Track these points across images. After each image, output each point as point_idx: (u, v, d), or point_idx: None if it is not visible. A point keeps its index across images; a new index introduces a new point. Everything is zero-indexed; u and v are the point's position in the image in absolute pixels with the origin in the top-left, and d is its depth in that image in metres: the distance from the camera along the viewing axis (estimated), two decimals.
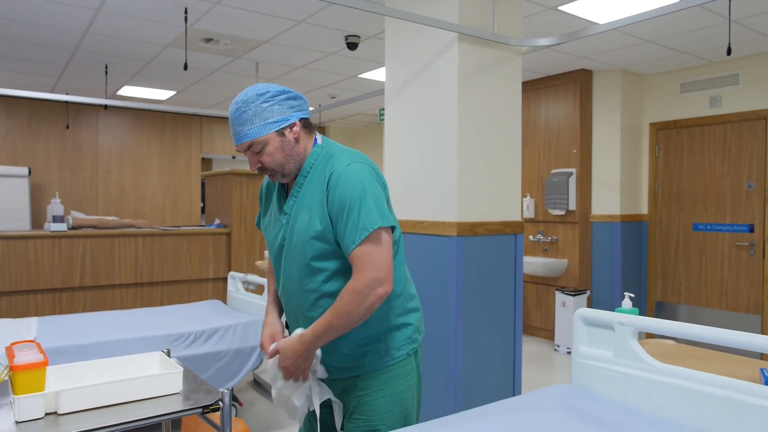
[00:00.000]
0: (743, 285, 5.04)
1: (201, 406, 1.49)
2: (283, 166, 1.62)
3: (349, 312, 1.52)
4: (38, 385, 1.41)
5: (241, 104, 1.58)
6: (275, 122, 1.58)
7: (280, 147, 1.60)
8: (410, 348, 1.71)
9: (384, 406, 1.67)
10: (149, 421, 1.43)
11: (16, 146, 6.82)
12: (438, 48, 2.95)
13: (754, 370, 1.80)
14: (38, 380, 1.41)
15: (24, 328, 3.18)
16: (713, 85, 5.19)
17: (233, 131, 1.61)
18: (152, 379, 1.55)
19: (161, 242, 4.75)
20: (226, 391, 1.50)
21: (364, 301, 1.51)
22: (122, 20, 4.05)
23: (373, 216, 1.53)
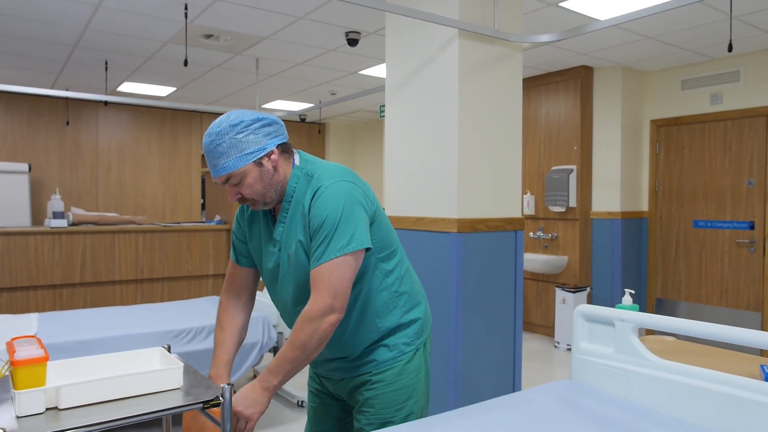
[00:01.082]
0: (743, 282, 5.04)
1: (201, 402, 1.48)
2: (264, 195, 1.57)
3: (304, 342, 1.49)
4: (39, 381, 1.41)
5: (215, 136, 1.52)
6: (252, 153, 1.52)
7: (259, 177, 1.54)
8: (419, 342, 1.73)
9: (394, 400, 1.67)
10: (150, 416, 1.43)
11: (16, 142, 6.81)
12: (438, 44, 2.94)
13: (754, 367, 1.80)
14: (39, 375, 1.41)
15: (24, 324, 3.18)
16: (714, 82, 5.18)
17: (209, 164, 1.54)
18: (153, 374, 1.55)
19: (161, 238, 4.75)
20: (226, 386, 1.49)
21: (318, 329, 1.48)
22: (122, 16, 4.04)
23: (344, 239, 1.50)
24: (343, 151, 9.48)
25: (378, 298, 1.65)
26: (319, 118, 8.97)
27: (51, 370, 1.52)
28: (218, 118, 1.55)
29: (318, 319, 1.48)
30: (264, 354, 3.44)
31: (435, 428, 1.51)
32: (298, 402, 3.75)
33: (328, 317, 1.49)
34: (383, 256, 1.67)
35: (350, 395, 1.74)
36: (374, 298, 1.65)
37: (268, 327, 3.49)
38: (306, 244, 1.57)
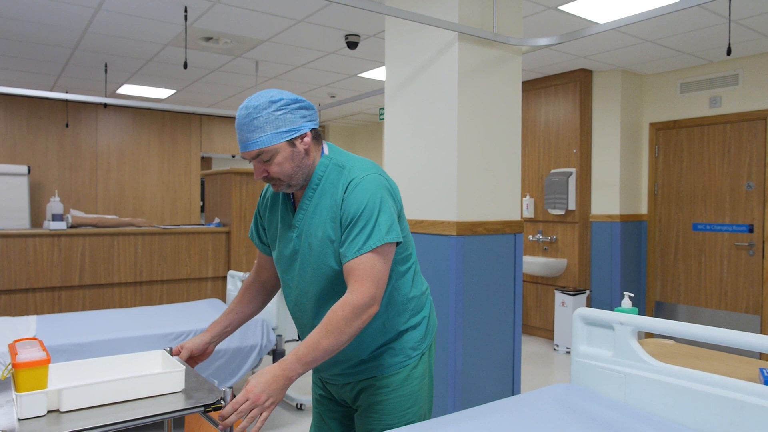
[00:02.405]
0: (742, 285, 5.04)
1: (203, 405, 1.48)
2: (291, 177, 1.55)
3: (343, 330, 1.43)
4: (41, 383, 1.41)
5: (252, 110, 1.49)
6: (287, 131, 1.51)
7: (290, 157, 1.53)
8: (424, 346, 1.71)
9: (399, 406, 1.66)
10: (152, 419, 1.43)
11: (16, 145, 6.81)
12: (438, 47, 2.95)
13: (753, 370, 1.80)
14: (41, 378, 1.41)
15: (23, 327, 3.18)
16: (713, 86, 5.19)
17: (241, 137, 1.52)
18: (154, 377, 1.55)
19: (160, 241, 4.75)
20: (227, 390, 1.49)
21: (358, 318, 1.44)
22: (122, 19, 4.04)
23: (382, 231, 1.49)
24: None
25: (390, 299, 1.63)
26: (319, 121, 8.96)
27: (52, 372, 1.52)
28: (256, 93, 1.53)
29: (361, 309, 1.45)
30: (263, 357, 3.44)
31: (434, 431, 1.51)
32: (297, 405, 3.75)
33: (370, 308, 1.47)
34: (401, 258, 1.65)
35: (354, 400, 1.72)
36: (386, 299, 1.62)
37: (267, 329, 3.48)
38: (334, 234, 1.54)
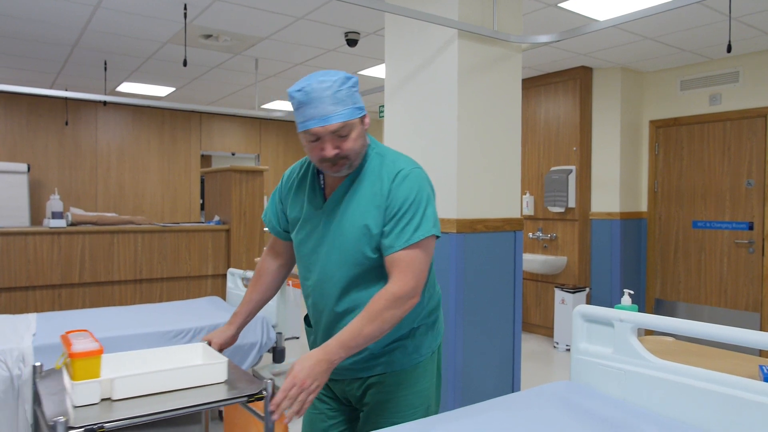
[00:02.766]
0: (742, 282, 5.05)
1: (246, 395, 1.54)
2: (358, 155, 1.53)
3: (385, 318, 1.44)
4: (94, 372, 1.47)
5: (332, 83, 1.46)
6: (361, 108, 1.51)
7: (361, 135, 1.52)
8: (435, 345, 1.71)
9: (408, 404, 1.65)
10: (199, 407, 1.49)
11: (15, 142, 6.81)
12: (438, 45, 2.94)
13: (753, 367, 1.80)
14: (94, 367, 1.47)
15: (23, 324, 3.18)
16: (713, 83, 5.18)
17: (319, 111, 1.45)
18: (199, 368, 1.62)
19: (160, 239, 4.75)
20: (269, 381, 1.55)
21: (401, 307, 1.46)
22: (121, 16, 4.04)
23: (429, 223, 1.51)
24: None
25: None
26: None
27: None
28: (320, 72, 1.50)
29: (403, 299, 1.46)
30: (263, 354, 3.44)
31: (434, 428, 1.51)
32: None
33: (411, 300, 1.48)
34: None
35: (361, 398, 1.69)
36: None
37: (268, 327, 3.48)
38: (374, 223, 1.52)
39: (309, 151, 1.53)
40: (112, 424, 1.36)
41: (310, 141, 1.50)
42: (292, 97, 1.50)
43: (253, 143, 8.70)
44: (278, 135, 8.94)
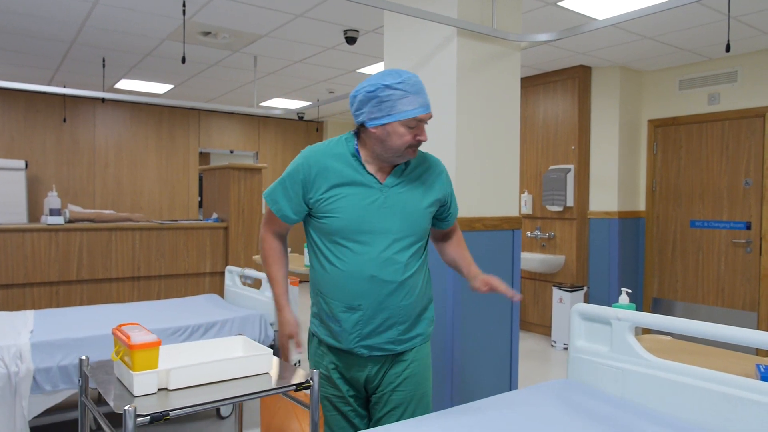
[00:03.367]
0: (739, 282, 5.06)
1: (294, 384, 1.65)
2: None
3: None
4: (153, 363, 1.54)
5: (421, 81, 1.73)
6: None
7: None
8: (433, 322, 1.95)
9: (426, 377, 1.87)
10: (254, 396, 1.59)
11: (13, 139, 6.79)
12: (437, 42, 2.94)
13: (749, 366, 1.80)
14: (153, 358, 1.54)
15: (21, 321, 3.17)
16: (712, 82, 5.19)
17: (424, 100, 1.69)
18: (247, 359, 1.71)
19: (158, 236, 4.74)
20: (315, 371, 1.67)
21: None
22: (120, 13, 4.03)
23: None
24: None
25: (425, 263, 1.87)
26: (317, 116, 8.96)
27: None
28: (392, 69, 1.72)
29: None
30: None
31: (432, 426, 1.52)
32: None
33: None
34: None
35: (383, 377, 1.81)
36: (423, 261, 1.85)
37: (266, 325, 3.49)
38: (433, 203, 1.85)
39: (400, 138, 1.69)
40: (177, 411, 1.44)
41: (408, 127, 1.69)
42: (392, 89, 1.65)
43: (251, 141, 8.69)
44: (277, 133, 8.93)
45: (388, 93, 1.66)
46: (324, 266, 1.78)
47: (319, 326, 1.85)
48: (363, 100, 1.70)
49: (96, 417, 1.62)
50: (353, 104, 1.74)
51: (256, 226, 5.15)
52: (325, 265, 1.77)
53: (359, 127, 1.76)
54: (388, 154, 1.72)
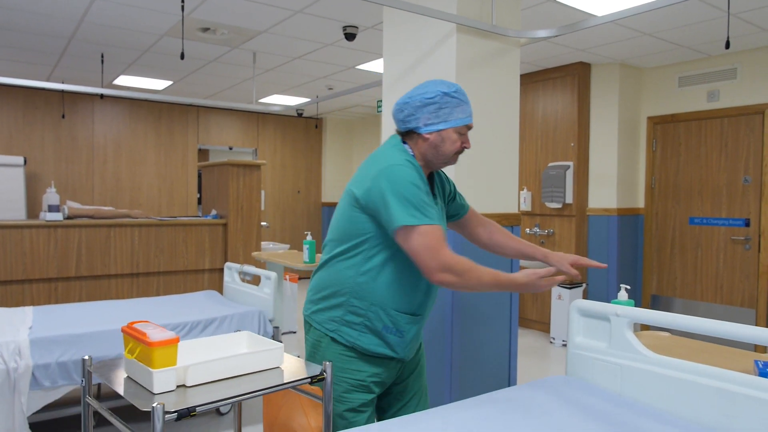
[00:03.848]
0: (738, 279, 5.06)
1: (309, 377, 1.68)
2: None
3: None
4: (172, 360, 1.54)
5: None
6: None
7: None
8: None
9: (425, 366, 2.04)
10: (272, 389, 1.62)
11: (11, 136, 6.78)
12: (436, 39, 2.94)
13: (748, 362, 1.81)
14: (172, 356, 1.55)
15: (19, 318, 3.17)
16: (711, 79, 5.18)
17: (471, 110, 1.83)
18: (260, 354, 1.74)
19: (157, 232, 4.74)
20: (328, 363, 1.69)
21: None
22: (118, 8, 4.02)
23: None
24: (340, 147, 9.47)
25: None
26: (317, 113, 8.95)
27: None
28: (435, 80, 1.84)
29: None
30: None
31: (431, 421, 1.52)
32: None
33: None
34: None
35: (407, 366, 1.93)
36: None
37: (265, 321, 3.49)
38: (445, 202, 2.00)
39: (453, 144, 1.80)
40: (202, 407, 1.46)
41: (460, 134, 1.81)
42: (450, 97, 1.78)
43: (250, 137, 8.68)
44: (276, 129, 8.92)
45: (446, 100, 1.77)
46: (399, 277, 1.75)
47: (360, 337, 1.78)
48: (419, 106, 1.78)
49: (104, 414, 1.61)
50: (403, 110, 1.80)
51: (255, 222, 5.15)
52: (401, 276, 1.75)
53: (405, 133, 1.83)
54: (439, 160, 1.82)
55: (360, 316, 1.77)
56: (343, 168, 9.48)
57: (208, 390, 1.56)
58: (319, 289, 1.84)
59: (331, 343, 1.81)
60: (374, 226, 1.72)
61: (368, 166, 1.76)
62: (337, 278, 1.79)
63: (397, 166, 1.68)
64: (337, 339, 1.79)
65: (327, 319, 1.81)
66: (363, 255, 1.75)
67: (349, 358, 1.79)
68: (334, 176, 9.41)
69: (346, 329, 1.78)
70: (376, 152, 1.81)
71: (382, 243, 1.73)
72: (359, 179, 1.75)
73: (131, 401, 1.48)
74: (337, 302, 1.79)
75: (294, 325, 5.66)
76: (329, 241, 1.84)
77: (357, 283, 1.75)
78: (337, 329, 1.79)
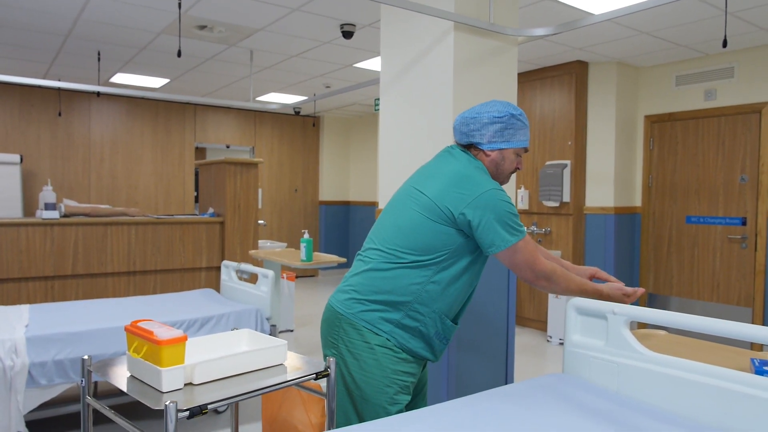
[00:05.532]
0: (735, 277, 5.07)
1: (314, 373, 1.70)
2: None
3: None
4: (180, 358, 1.54)
5: None
6: None
7: None
8: None
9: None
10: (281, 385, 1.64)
11: (7, 133, 6.76)
12: (434, 37, 2.93)
13: (744, 360, 1.81)
14: (180, 354, 1.55)
15: (16, 316, 3.16)
16: (708, 78, 5.19)
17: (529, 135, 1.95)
18: (265, 351, 1.75)
19: (154, 231, 4.73)
20: (332, 359, 1.73)
21: None
22: (115, 6, 4.00)
23: None
24: (337, 145, 9.46)
25: None
26: (314, 112, 8.94)
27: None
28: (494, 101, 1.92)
29: None
30: None
31: (428, 419, 1.52)
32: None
33: None
34: None
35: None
36: None
37: (262, 320, 3.48)
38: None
39: (511, 164, 1.92)
40: (214, 404, 1.47)
41: (518, 155, 1.92)
42: (517, 120, 1.88)
43: (247, 136, 8.67)
44: (273, 127, 8.90)
45: (513, 122, 1.87)
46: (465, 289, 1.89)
47: (411, 340, 1.83)
48: (486, 123, 1.87)
49: (107, 414, 1.60)
50: (469, 125, 1.89)
51: (252, 221, 5.14)
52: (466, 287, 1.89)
53: (466, 146, 1.93)
54: (499, 179, 1.91)
55: (418, 322, 1.82)
56: (340, 166, 9.48)
57: (215, 388, 1.56)
58: (374, 291, 1.82)
59: (383, 345, 1.82)
60: (463, 241, 1.81)
61: (460, 185, 1.79)
62: (403, 284, 1.80)
63: (495, 191, 1.80)
64: (390, 341, 1.82)
65: (379, 319, 1.81)
66: (439, 266, 1.80)
67: (400, 360, 1.83)
68: (332, 175, 9.40)
69: (400, 332, 1.82)
70: (462, 170, 1.83)
71: (460, 255, 1.83)
72: (453, 197, 1.78)
73: (140, 400, 1.48)
74: (397, 306, 1.81)
75: (291, 323, 5.66)
76: (396, 249, 1.82)
77: (426, 290, 1.80)
78: (391, 331, 1.81)
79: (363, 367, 1.81)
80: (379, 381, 1.80)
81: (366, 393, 1.80)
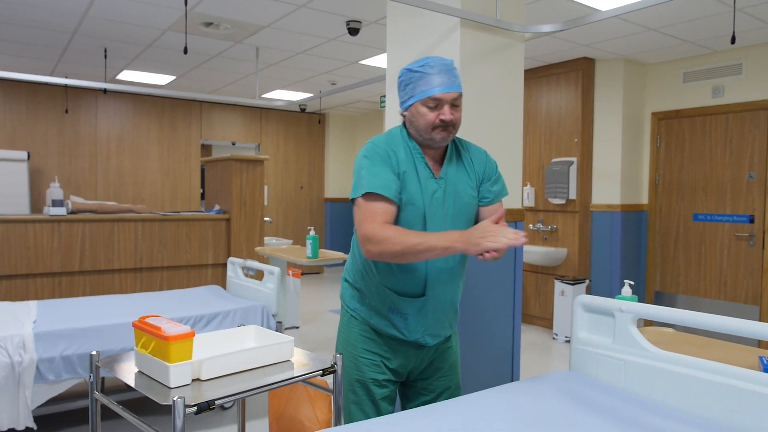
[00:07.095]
0: (742, 275, 5.05)
1: (321, 369, 1.69)
2: (458, 127, 1.76)
3: None
4: (187, 354, 1.55)
5: (451, 62, 1.74)
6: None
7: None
8: None
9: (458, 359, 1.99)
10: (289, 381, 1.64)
11: (15, 130, 6.79)
12: (440, 34, 2.92)
13: (752, 358, 1.80)
14: (188, 350, 1.55)
15: (24, 311, 3.18)
16: (716, 75, 5.16)
17: (447, 79, 1.69)
18: (272, 347, 1.75)
19: (161, 227, 4.75)
20: (339, 355, 1.72)
21: None
22: (121, 3, 4.01)
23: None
24: (343, 142, 9.46)
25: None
26: (320, 108, 8.94)
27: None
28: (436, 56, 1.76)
29: None
30: None
31: (434, 415, 1.52)
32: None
33: None
34: None
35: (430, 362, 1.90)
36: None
37: (268, 317, 3.49)
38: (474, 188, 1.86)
39: (423, 118, 1.71)
40: (222, 400, 1.46)
41: (429, 107, 1.70)
42: (412, 72, 1.72)
43: (253, 133, 8.68)
44: (279, 125, 8.91)
45: (410, 76, 1.74)
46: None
47: (374, 317, 1.84)
48: (397, 88, 1.81)
49: (115, 409, 1.61)
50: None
51: (258, 217, 5.15)
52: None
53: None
54: (420, 137, 1.75)
55: (369, 296, 1.84)
56: (345, 164, 9.47)
57: (223, 383, 1.56)
58: (347, 270, 1.95)
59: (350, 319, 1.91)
60: None
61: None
62: (353, 260, 1.89)
63: (366, 146, 1.76)
64: (356, 318, 1.89)
65: (349, 297, 1.92)
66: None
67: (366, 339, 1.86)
68: (337, 172, 9.41)
69: (362, 308, 1.87)
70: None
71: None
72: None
73: (148, 395, 1.48)
74: (355, 282, 1.89)
75: (297, 320, 5.67)
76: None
77: (365, 263, 1.83)
78: (356, 308, 1.89)
79: (341, 341, 1.91)
80: (349, 354, 1.86)
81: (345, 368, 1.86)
